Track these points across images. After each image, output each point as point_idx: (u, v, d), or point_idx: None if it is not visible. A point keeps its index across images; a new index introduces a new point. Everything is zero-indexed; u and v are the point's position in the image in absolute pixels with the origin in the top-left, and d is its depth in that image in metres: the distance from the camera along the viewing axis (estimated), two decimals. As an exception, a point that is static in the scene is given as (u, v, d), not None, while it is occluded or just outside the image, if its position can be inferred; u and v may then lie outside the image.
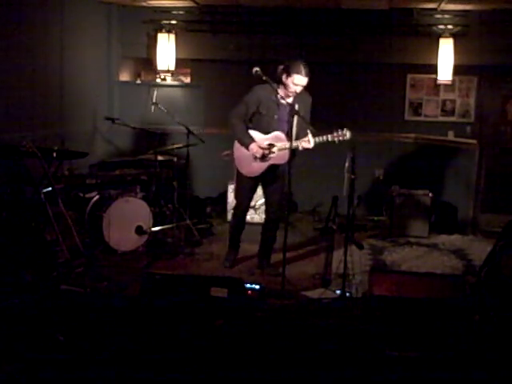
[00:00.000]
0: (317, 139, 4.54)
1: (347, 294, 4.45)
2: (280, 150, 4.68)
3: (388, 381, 3.17)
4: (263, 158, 4.72)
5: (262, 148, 4.68)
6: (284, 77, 4.61)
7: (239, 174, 4.94)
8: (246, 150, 4.74)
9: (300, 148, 4.59)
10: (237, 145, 4.84)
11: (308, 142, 4.54)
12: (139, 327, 3.61)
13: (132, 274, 4.75)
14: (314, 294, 4.53)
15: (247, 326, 3.69)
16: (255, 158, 4.74)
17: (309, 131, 4.55)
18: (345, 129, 4.52)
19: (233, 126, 4.80)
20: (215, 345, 3.42)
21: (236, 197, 5.13)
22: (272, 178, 4.85)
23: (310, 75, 4.59)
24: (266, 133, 4.72)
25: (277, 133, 4.70)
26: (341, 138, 4.51)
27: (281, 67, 4.63)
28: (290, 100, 4.62)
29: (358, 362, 3.31)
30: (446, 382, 3.17)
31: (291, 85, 4.58)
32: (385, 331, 3.64)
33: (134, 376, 3.15)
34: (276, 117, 4.70)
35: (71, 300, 4.10)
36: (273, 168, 4.78)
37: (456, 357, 3.34)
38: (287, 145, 4.55)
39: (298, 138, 4.60)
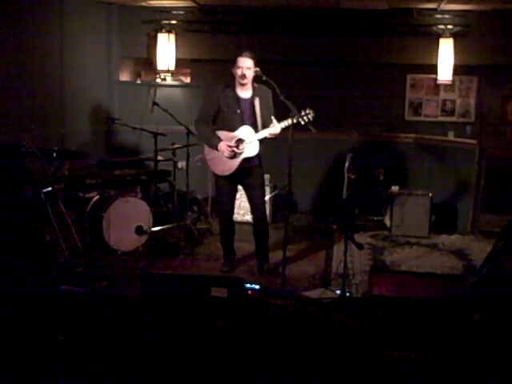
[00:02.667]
0: (282, 124, 4.61)
1: (347, 294, 4.45)
2: (249, 142, 4.72)
3: (388, 381, 3.17)
4: (234, 155, 4.75)
5: (231, 146, 4.72)
6: (232, 69, 4.75)
7: (216, 178, 4.97)
8: (216, 151, 4.78)
9: (268, 136, 4.69)
10: (207, 148, 4.88)
11: (274, 128, 4.63)
12: (139, 327, 3.61)
13: (132, 274, 4.75)
14: (313, 294, 4.53)
15: (247, 325, 3.69)
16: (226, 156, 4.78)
17: (273, 117, 4.65)
18: (307, 108, 4.58)
19: (198, 131, 4.94)
20: (215, 345, 3.42)
21: (217, 203, 5.15)
22: (249, 173, 4.88)
23: (254, 58, 4.69)
24: (233, 129, 4.76)
25: (243, 127, 4.75)
26: (305, 118, 4.55)
27: None
28: (248, 92, 4.78)
29: (358, 362, 3.31)
30: (446, 382, 3.17)
31: (237, 70, 4.70)
32: (385, 331, 3.64)
33: (134, 376, 3.15)
34: (238, 111, 4.76)
35: (71, 300, 4.10)
36: (247, 161, 4.80)
37: (456, 357, 3.34)
38: (255, 137, 4.70)
39: (264, 127, 4.72)
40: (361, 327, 3.81)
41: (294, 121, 4.55)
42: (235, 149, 4.71)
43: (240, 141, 4.73)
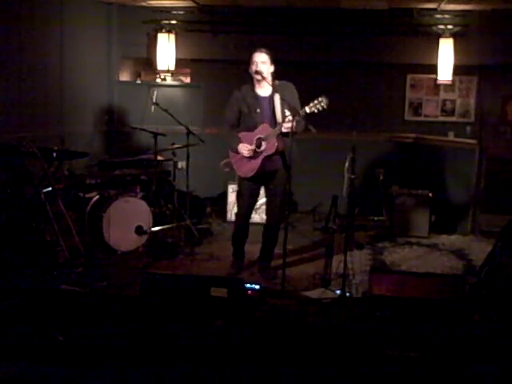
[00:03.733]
0: (297, 116, 4.54)
1: (347, 294, 4.45)
2: (268, 140, 4.69)
3: (388, 381, 3.17)
4: (255, 153, 4.74)
5: (249, 148, 4.71)
6: (248, 68, 4.71)
7: (240, 180, 4.98)
8: (238, 154, 4.79)
9: (284, 130, 4.59)
10: (230, 152, 4.89)
11: (288, 121, 4.54)
12: (139, 327, 3.61)
13: (132, 274, 4.75)
14: (313, 294, 4.53)
15: (247, 326, 3.69)
16: (248, 156, 4.76)
17: (286, 110, 4.58)
18: (320, 96, 4.52)
19: (225, 137, 4.94)
20: (215, 345, 3.42)
21: (236, 205, 5.16)
22: (273, 176, 4.86)
23: (269, 53, 4.68)
24: (254, 129, 4.74)
25: (261, 125, 4.73)
26: (318, 106, 4.50)
27: None
28: (267, 90, 4.74)
29: (358, 362, 3.31)
30: (446, 381, 3.17)
31: (253, 66, 4.67)
32: (385, 331, 3.64)
33: (133, 376, 3.15)
34: (258, 110, 4.73)
35: (71, 300, 4.10)
36: (270, 161, 4.78)
37: (456, 357, 3.34)
38: (272, 133, 4.64)
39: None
40: (361, 327, 3.82)
41: (308, 110, 4.51)
42: (256, 148, 4.70)
43: (260, 139, 4.72)
